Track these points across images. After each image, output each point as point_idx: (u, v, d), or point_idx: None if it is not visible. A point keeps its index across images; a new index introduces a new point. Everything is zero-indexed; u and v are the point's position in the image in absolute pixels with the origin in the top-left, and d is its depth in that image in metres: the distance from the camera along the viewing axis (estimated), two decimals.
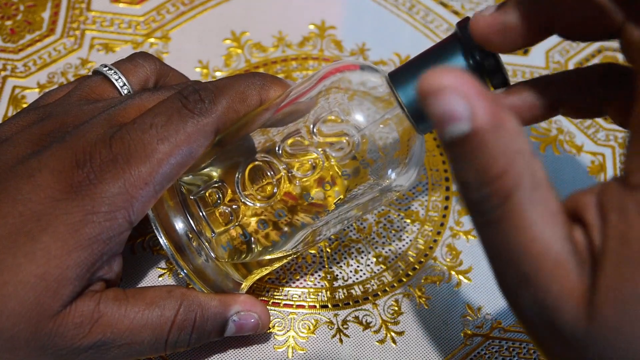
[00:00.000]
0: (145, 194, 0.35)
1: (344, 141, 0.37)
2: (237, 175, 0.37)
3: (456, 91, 0.25)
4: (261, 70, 0.51)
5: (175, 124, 0.36)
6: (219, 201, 0.38)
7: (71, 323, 0.34)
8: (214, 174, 0.38)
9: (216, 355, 0.41)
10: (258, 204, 0.38)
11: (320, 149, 0.37)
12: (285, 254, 0.40)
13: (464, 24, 0.36)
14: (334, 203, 0.38)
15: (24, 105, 0.49)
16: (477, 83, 0.26)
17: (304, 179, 0.37)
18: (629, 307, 0.25)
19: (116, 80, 0.40)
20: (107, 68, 0.40)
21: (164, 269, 0.44)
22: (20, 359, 0.34)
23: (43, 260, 0.33)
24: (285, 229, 0.38)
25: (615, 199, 0.27)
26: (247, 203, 0.37)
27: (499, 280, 0.28)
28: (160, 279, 0.43)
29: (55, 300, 0.33)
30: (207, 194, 0.38)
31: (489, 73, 0.35)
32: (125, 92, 0.40)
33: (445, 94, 0.25)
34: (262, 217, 0.38)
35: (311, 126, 0.37)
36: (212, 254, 0.38)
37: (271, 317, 0.43)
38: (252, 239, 0.38)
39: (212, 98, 0.37)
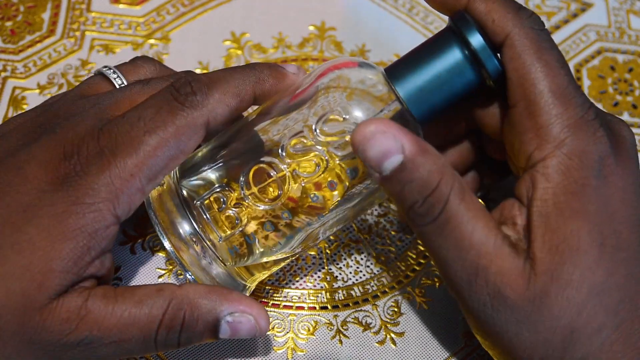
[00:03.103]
0: (131, 187, 0.35)
1: (347, 139, 0.37)
2: (241, 178, 0.37)
3: (385, 133, 0.33)
4: None
5: (164, 117, 0.35)
6: (223, 205, 0.38)
7: (57, 318, 0.33)
8: (217, 177, 0.38)
9: (215, 356, 0.41)
10: (263, 206, 0.37)
11: (323, 148, 0.37)
12: (289, 255, 0.39)
13: (457, 16, 0.36)
14: (338, 202, 0.38)
15: (24, 107, 0.49)
16: (397, 124, 0.33)
17: (309, 179, 0.37)
18: (556, 274, 0.33)
19: (114, 79, 0.40)
20: (106, 68, 0.40)
21: (164, 269, 0.44)
22: (8, 353, 0.34)
23: (28, 252, 0.33)
24: (291, 230, 0.38)
25: (524, 189, 0.35)
26: (253, 205, 0.37)
27: (453, 278, 0.35)
28: (161, 279, 0.43)
29: (40, 293, 0.33)
30: (211, 198, 0.38)
31: (484, 63, 0.35)
32: None
33: (377, 137, 0.33)
34: (268, 219, 0.38)
35: (313, 126, 0.37)
36: (218, 257, 0.38)
37: (271, 319, 0.43)
38: (257, 241, 0.38)
39: (205, 91, 0.37)
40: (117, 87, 0.40)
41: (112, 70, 0.40)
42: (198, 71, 0.51)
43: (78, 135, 0.35)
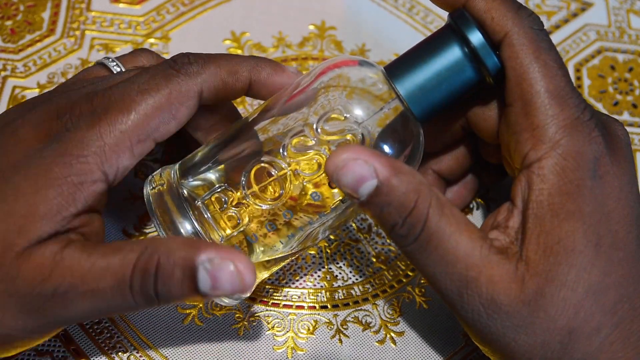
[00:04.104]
0: (121, 144, 0.35)
1: (348, 138, 0.37)
2: (242, 178, 0.37)
3: (356, 159, 0.33)
4: None
5: (158, 81, 0.36)
6: (225, 205, 0.37)
7: (33, 263, 0.33)
8: (217, 177, 0.38)
9: (215, 355, 0.41)
10: (265, 206, 0.37)
11: (324, 147, 0.37)
12: (289, 254, 0.39)
13: (457, 14, 0.36)
14: (341, 200, 0.38)
15: None
16: (368, 148, 0.33)
17: (310, 178, 0.37)
18: (551, 275, 0.33)
19: (113, 66, 0.40)
20: (107, 58, 0.41)
21: None
22: None
23: (11, 198, 0.33)
24: (291, 229, 0.38)
25: (521, 187, 0.35)
26: (254, 205, 0.37)
27: (444, 292, 0.35)
28: None
29: (20, 237, 0.33)
30: (212, 198, 0.38)
31: (484, 60, 0.36)
32: None
33: (349, 165, 0.33)
34: (269, 218, 0.38)
35: (315, 125, 0.37)
36: None
37: (270, 318, 0.43)
38: (258, 240, 0.38)
39: (202, 62, 0.37)
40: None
41: (110, 59, 0.41)
42: None
43: (72, 100, 0.36)
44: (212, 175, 0.38)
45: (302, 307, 0.43)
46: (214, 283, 0.32)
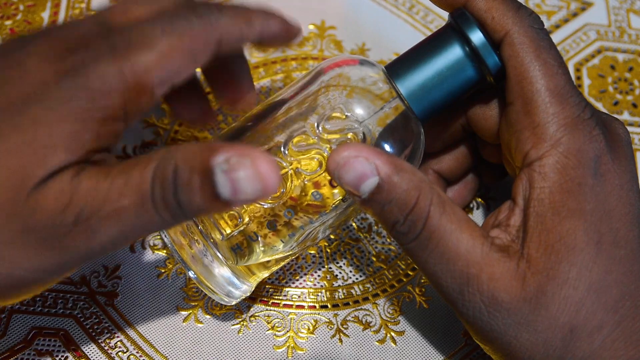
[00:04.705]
0: (143, 83, 0.32)
1: (349, 136, 0.37)
2: None
3: (357, 157, 0.33)
4: (260, 70, 0.51)
5: (181, 23, 0.33)
6: None
7: (51, 192, 0.30)
8: None
9: (215, 355, 0.41)
10: (266, 204, 0.37)
11: (326, 146, 0.37)
12: (290, 253, 0.39)
13: (457, 13, 0.36)
14: (342, 199, 0.38)
15: None
16: (369, 146, 0.33)
17: (311, 177, 0.37)
18: (552, 273, 0.34)
19: None
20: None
21: (163, 268, 0.44)
22: (3, 241, 0.30)
23: (31, 128, 0.30)
24: (292, 228, 0.38)
25: (522, 185, 0.36)
26: (256, 204, 0.37)
27: (445, 290, 0.35)
28: (160, 278, 0.43)
29: (39, 167, 0.30)
30: None
31: (484, 59, 0.36)
32: None
33: (351, 163, 0.33)
34: (269, 218, 0.38)
35: (316, 123, 0.37)
36: (220, 256, 0.38)
37: (270, 318, 0.43)
38: (260, 240, 0.38)
39: (220, 9, 0.34)
40: None
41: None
42: (198, 70, 0.51)
43: (82, 33, 0.33)
44: None
45: (302, 307, 0.43)
46: (233, 185, 0.29)
